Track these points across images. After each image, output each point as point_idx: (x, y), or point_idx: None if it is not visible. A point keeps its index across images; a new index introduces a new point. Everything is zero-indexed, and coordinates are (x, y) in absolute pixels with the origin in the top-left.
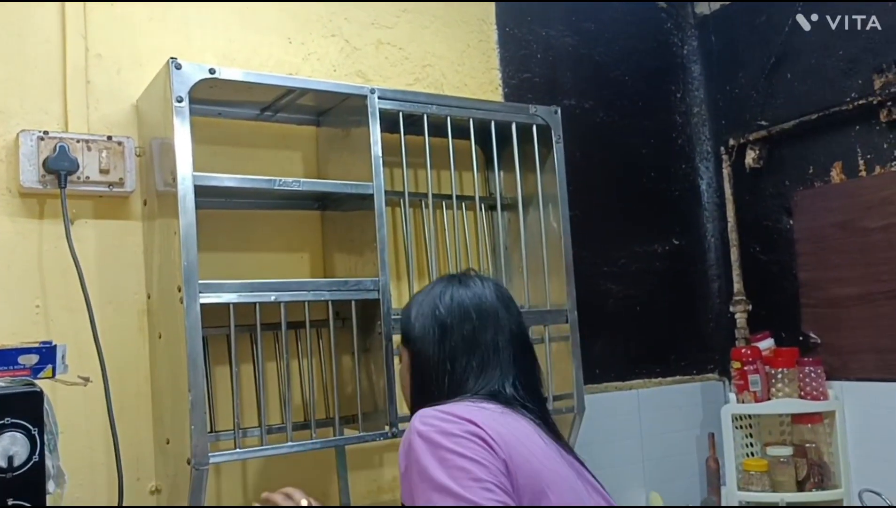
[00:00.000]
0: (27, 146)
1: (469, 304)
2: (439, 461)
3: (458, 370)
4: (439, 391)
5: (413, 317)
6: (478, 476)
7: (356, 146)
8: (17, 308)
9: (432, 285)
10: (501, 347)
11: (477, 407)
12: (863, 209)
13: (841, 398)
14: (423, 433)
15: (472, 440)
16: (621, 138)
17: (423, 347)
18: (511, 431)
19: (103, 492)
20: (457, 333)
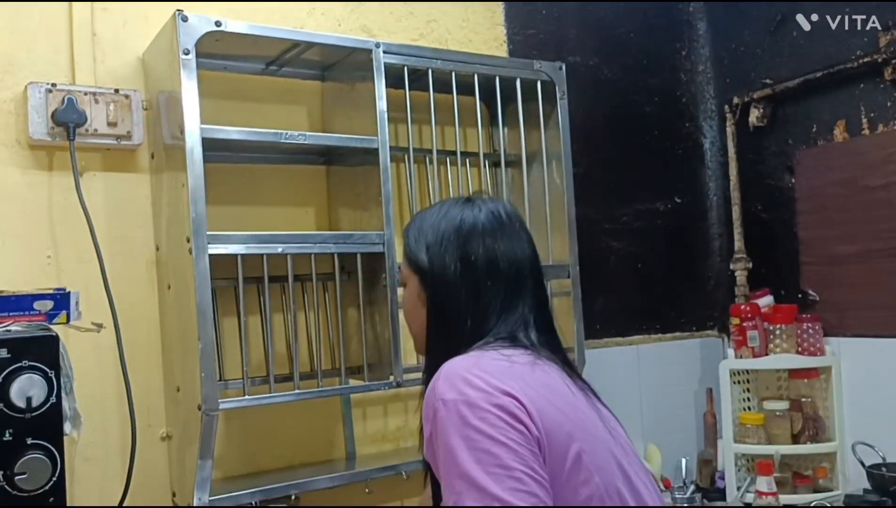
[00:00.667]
0: (35, 98)
1: (487, 228)
2: (465, 441)
3: (480, 308)
4: (460, 332)
5: (423, 242)
6: (506, 464)
7: (361, 101)
8: (29, 258)
9: (440, 206)
10: (524, 277)
11: (507, 362)
12: (865, 168)
13: (838, 354)
14: (449, 403)
15: (502, 416)
16: (625, 96)
17: (441, 280)
18: (543, 393)
19: (116, 438)
20: (479, 264)
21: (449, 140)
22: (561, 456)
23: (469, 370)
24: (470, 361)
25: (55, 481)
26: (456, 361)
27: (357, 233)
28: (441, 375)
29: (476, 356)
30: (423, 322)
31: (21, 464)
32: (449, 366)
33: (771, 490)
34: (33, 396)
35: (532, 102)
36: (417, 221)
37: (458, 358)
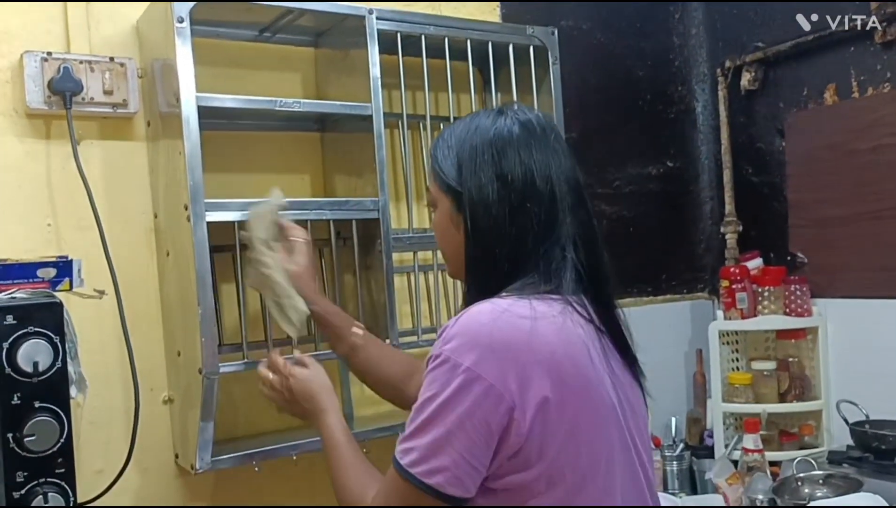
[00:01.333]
0: (32, 67)
1: (522, 141)
2: (443, 406)
3: (519, 233)
4: (499, 263)
5: (454, 159)
6: (476, 454)
7: (355, 68)
8: (29, 226)
9: (469, 119)
10: (563, 195)
11: (528, 324)
12: (854, 131)
13: (824, 315)
14: (454, 363)
15: (489, 411)
16: (618, 60)
17: (478, 201)
18: (555, 375)
19: (119, 402)
20: (516, 182)
21: (442, 106)
22: (554, 448)
23: (492, 333)
24: (492, 313)
25: (63, 443)
26: (478, 309)
27: (352, 199)
28: (463, 323)
29: (499, 305)
30: (457, 245)
31: (30, 426)
32: (474, 318)
33: (757, 448)
34: (39, 361)
35: (525, 68)
36: (445, 135)
37: (484, 305)
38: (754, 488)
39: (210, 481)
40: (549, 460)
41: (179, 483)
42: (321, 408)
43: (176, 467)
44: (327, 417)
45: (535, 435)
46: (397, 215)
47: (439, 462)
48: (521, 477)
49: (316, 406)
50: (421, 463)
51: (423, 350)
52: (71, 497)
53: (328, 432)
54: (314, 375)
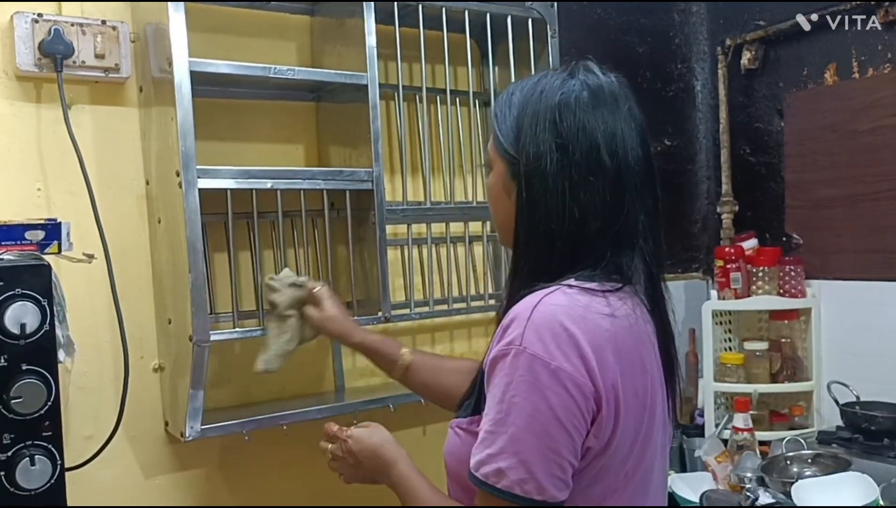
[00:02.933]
0: (22, 28)
1: (588, 108)
2: (531, 405)
3: (580, 211)
4: (557, 243)
5: (513, 120)
6: (559, 451)
7: (350, 37)
8: (19, 190)
9: (539, 78)
10: (631, 175)
11: (608, 319)
12: (853, 112)
13: (818, 296)
14: (531, 356)
15: (577, 400)
16: (618, 36)
17: (535, 171)
18: (629, 371)
19: (109, 369)
20: (579, 155)
21: (439, 78)
22: (621, 447)
23: (566, 324)
24: (571, 308)
25: (50, 406)
26: (555, 302)
27: (346, 169)
28: (533, 314)
29: (578, 301)
30: (508, 214)
31: (16, 388)
32: (546, 306)
33: (747, 427)
34: (27, 323)
35: (523, 41)
36: (510, 92)
37: (560, 297)
38: (743, 466)
39: (200, 449)
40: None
41: (169, 450)
42: (388, 461)
43: (166, 434)
44: (397, 467)
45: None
46: (392, 187)
47: (521, 469)
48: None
49: (382, 462)
50: (504, 475)
51: (415, 323)
52: (58, 459)
53: (403, 481)
54: (373, 432)
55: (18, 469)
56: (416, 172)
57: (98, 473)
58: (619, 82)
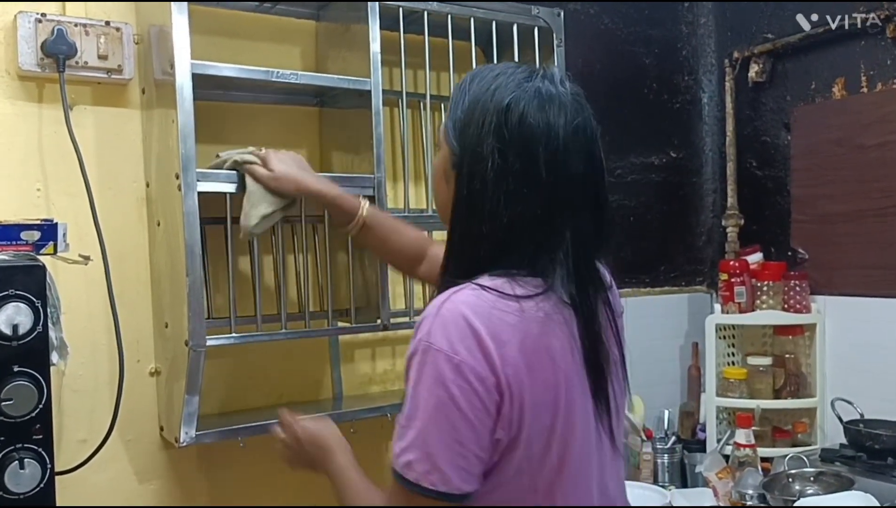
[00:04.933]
0: (25, 28)
1: (541, 122)
2: (436, 399)
3: (511, 218)
4: (485, 243)
5: (463, 111)
6: (464, 442)
7: (355, 43)
8: (18, 190)
9: (500, 73)
10: (572, 192)
11: (517, 315)
12: (861, 126)
13: (823, 312)
14: (435, 353)
15: (479, 393)
16: (625, 46)
17: (474, 169)
18: (540, 365)
19: (104, 372)
20: (518, 170)
21: (444, 85)
22: (536, 439)
23: (470, 319)
24: (477, 305)
25: (41, 408)
26: (462, 299)
27: (348, 175)
28: (441, 311)
29: (484, 297)
30: (445, 198)
31: (7, 390)
32: (453, 303)
33: (749, 443)
34: (19, 324)
35: (529, 49)
36: (470, 78)
37: (467, 294)
38: (744, 483)
39: (194, 455)
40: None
41: (163, 455)
42: (329, 449)
43: (161, 439)
44: (336, 458)
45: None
46: (394, 194)
47: (430, 462)
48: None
49: (324, 450)
50: (415, 467)
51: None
52: (48, 463)
53: (340, 471)
54: (324, 425)
55: (7, 472)
56: (419, 179)
57: (92, 477)
58: (576, 94)
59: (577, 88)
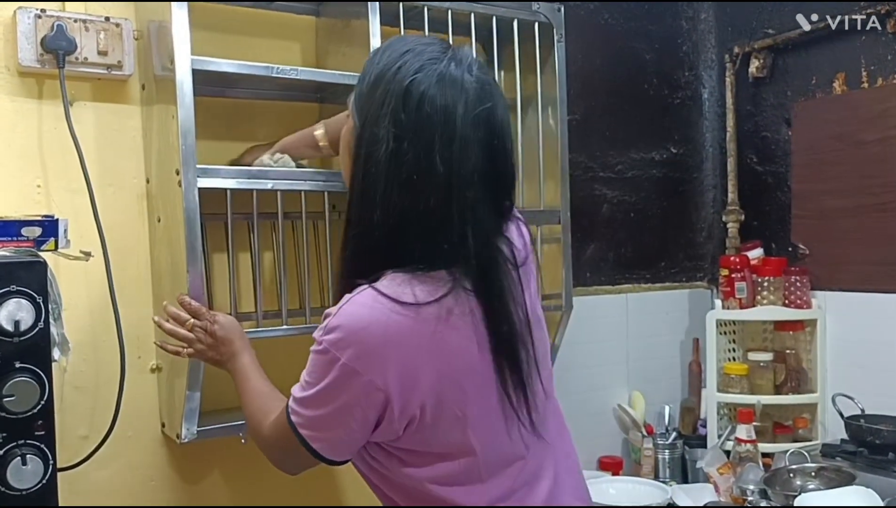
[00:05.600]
0: (25, 24)
1: (440, 109)
2: (318, 391)
3: (404, 214)
4: (378, 236)
5: (368, 86)
6: (345, 439)
7: (355, 38)
8: (18, 186)
9: (409, 50)
10: (457, 187)
11: (411, 318)
12: (861, 121)
13: (824, 308)
14: (333, 355)
15: (367, 400)
16: (625, 42)
17: (371, 155)
18: (435, 366)
19: (105, 369)
20: (410, 159)
21: None
22: (434, 421)
23: (372, 330)
24: (378, 314)
25: (43, 405)
26: (365, 306)
27: None
28: (345, 315)
29: (387, 307)
30: (349, 173)
31: (9, 387)
32: (356, 312)
33: (750, 438)
34: (21, 320)
35: (529, 44)
36: (382, 50)
37: (370, 300)
38: (745, 478)
39: (196, 451)
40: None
41: (165, 452)
42: (237, 350)
43: (162, 436)
44: (243, 356)
45: (413, 427)
46: None
47: (320, 434)
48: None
49: (232, 349)
50: (305, 428)
51: None
52: (50, 459)
53: (241, 368)
54: (234, 323)
55: (10, 468)
56: None
57: (93, 473)
58: (482, 81)
59: (487, 75)
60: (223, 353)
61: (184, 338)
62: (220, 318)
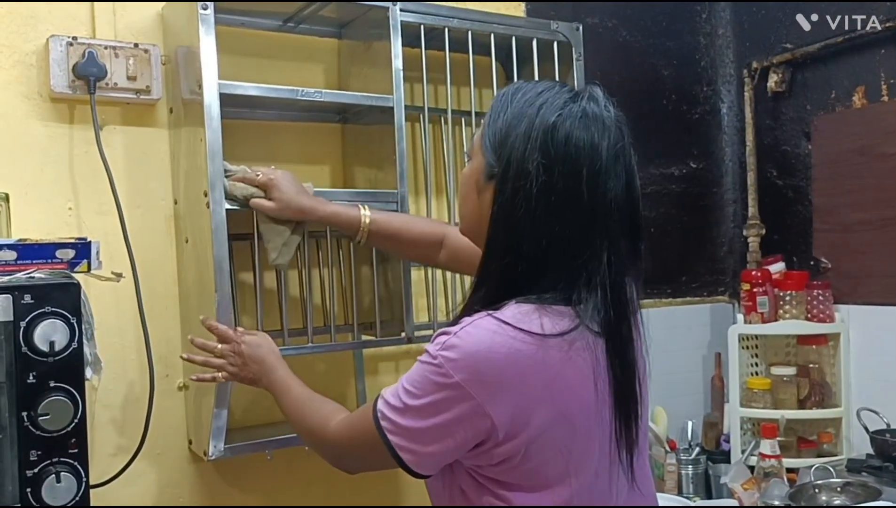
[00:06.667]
0: (57, 52)
1: (586, 144)
2: (435, 421)
3: (551, 239)
4: (520, 263)
5: (505, 125)
6: (443, 454)
7: (377, 60)
8: (51, 209)
9: (542, 92)
10: (610, 218)
11: (537, 347)
12: (882, 135)
13: (847, 321)
14: (450, 373)
15: (473, 425)
16: (643, 59)
17: (518, 186)
18: (554, 402)
19: (134, 386)
20: (560, 184)
21: (464, 100)
22: (544, 462)
23: (492, 360)
24: (500, 344)
25: (77, 423)
26: (488, 332)
27: (372, 191)
28: (467, 337)
29: (510, 337)
30: (473, 209)
31: (44, 406)
32: (479, 337)
33: (774, 453)
34: (56, 340)
35: (548, 64)
36: (512, 91)
37: (493, 327)
38: (770, 494)
39: (223, 468)
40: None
41: (192, 469)
42: (270, 367)
43: (189, 453)
44: (277, 371)
45: (512, 463)
46: (416, 208)
47: (412, 446)
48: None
49: (265, 367)
50: (397, 436)
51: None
52: (83, 477)
53: (279, 382)
54: (263, 340)
55: (44, 485)
56: (441, 193)
57: (121, 491)
58: (619, 119)
59: (620, 112)
60: (256, 372)
61: (216, 366)
62: (248, 338)
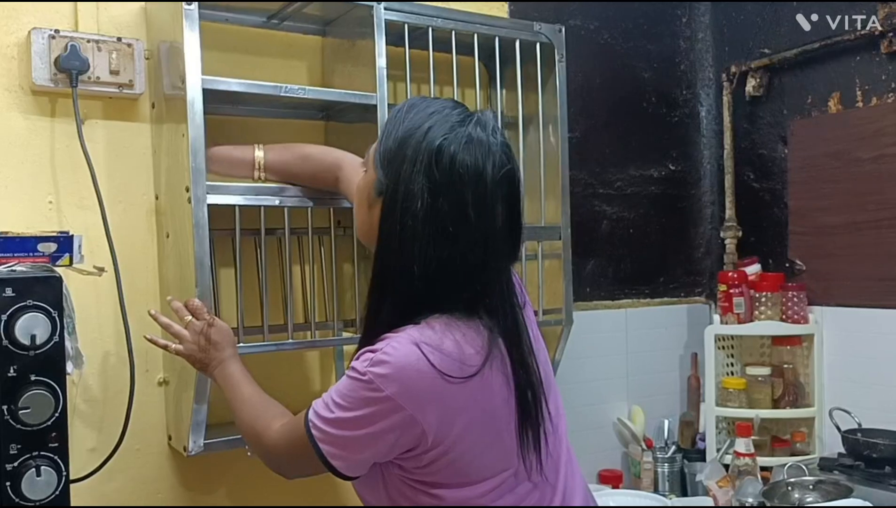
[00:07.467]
0: (39, 44)
1: (472, 175)
2: (365, 432)
3: (441, 258)
4: (412, 284)
5: (396, 145)
6: (369, 459)
7: (361, 58)
8: (31, 203)
9: (434, 113)
10: (496, 237)
11: (458, 362)
12: (856, 140)
13: (820, 323)
14: (378, 394)
15: (404, 435)
16: (624, 61)
17: (404, 205)
18: (470, 417)
19: (114, 381)
20: (447, 205)
21: None
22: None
23: (421, 372)
24: (423, 349)
25: (57, 417)
26: (413, 347)
27: None
28: (394, 352)
29: (433, 351)
30: (364, 221)
31: (25, 399)
32: (405, 352)
33: (749, 452)
34: (37, 334)
35: (531, 65)
36: (407, 108)
37: (416, 339)
38: (744, 491)
39: (202, 464)
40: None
41: (171, 464)
42: (227, 357)
43: (169, 448)
44: (231, 364)
45: (442, 462)
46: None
47: (343, 453)
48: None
49: (222, 355)
50: (328, 444)
51: None
52: (63, 471)
53: (232, 375)
54: (229, 331)
55: (24, 479)
56: None
57: (101, 486)
58: (504, 145)
59: (505, 138)
60: (212, 357)
61: (176, 333)
62: (218, 322)
